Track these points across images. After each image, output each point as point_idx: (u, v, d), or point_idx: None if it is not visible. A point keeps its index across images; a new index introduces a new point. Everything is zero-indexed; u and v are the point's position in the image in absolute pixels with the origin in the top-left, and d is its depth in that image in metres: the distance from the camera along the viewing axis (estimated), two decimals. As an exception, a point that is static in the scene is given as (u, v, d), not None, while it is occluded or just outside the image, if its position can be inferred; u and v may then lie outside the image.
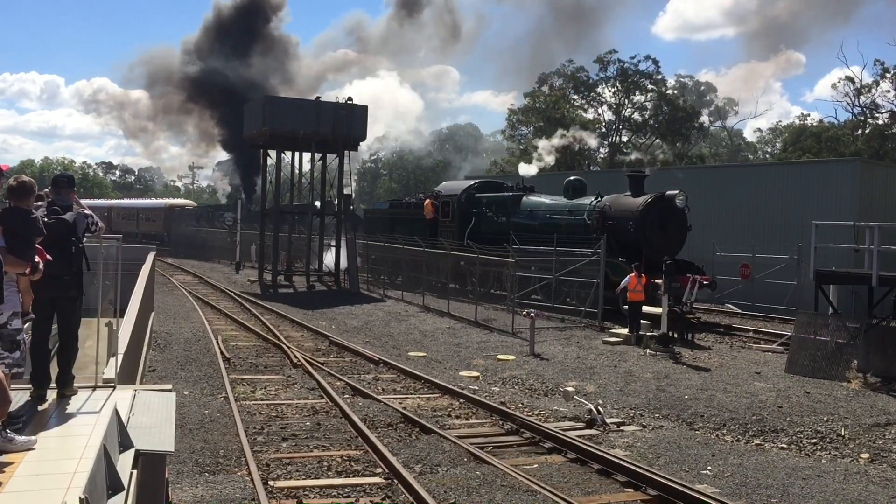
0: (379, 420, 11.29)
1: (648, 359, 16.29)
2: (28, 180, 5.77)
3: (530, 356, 16.67)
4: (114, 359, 6.81)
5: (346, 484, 8.50)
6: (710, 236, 25.07)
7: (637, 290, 18.13)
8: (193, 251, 48.86)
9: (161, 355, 15.94)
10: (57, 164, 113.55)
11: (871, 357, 14.85)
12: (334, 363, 15.93)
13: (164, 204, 63.39)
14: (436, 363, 16.53)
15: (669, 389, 13.59)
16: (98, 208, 68.38)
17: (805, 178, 27.90)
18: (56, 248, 6.03)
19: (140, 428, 5.56)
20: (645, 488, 8.47)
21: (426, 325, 21.21)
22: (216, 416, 11.24)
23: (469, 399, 12.66)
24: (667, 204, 21.16)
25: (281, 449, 9.83)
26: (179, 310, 23.40)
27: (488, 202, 27.45)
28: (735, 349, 17.82)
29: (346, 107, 31.68)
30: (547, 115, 62.86)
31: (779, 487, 8.74)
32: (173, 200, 69.29)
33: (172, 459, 8.33)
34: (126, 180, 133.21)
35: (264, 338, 18.68)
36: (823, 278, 16.10)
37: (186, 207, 61.94)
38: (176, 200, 69.92)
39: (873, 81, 56.30)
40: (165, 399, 6.37)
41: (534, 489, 8.33)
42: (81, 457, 4.50)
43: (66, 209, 6.23)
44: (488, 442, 10.34)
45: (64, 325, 6.35)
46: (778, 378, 14.64)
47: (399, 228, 31.22)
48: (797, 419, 11.87)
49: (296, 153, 34.73)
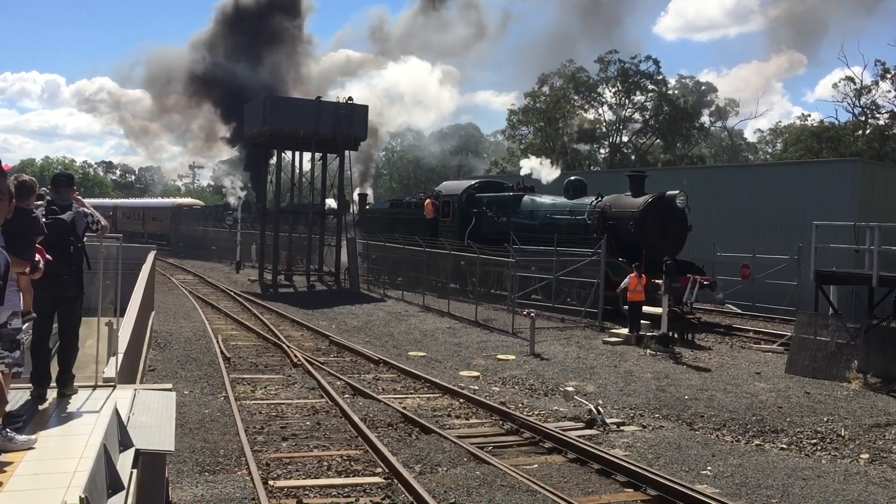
0: (379, 420, 11.29)
1: (648, 359, 16.29)
2: (28, 179, 5.76)
3: (530, 356, 16.67)
4: (114, 358, 6.81)
5: (346, 484, 8.50)
6: (711, 236, 25.06)
7: (637, 291, 18.12)
8: (202, 252, 47.95)
9: (161, 355, 15.94)
10: (57, 164, 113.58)
11: (871, 357, 14.84)
12: (334, 363, 15.93)
13: (171, 203, 62.26)
14: (436, 363, 16.53)
15: (669, 390, 13.59)
16: (103, 207, 68.09)
17: (805, 179, 27.90)
18: (55, 247, 6.02)
19: (140, 427, 5.56)
20: (645, 488, 8.47)
21: (426, 325, 21.21)
22: (216, 416, 11.24)
23: (469, 399, 12.66)
24: (667, 204, 21.15)
25: (281, 448, 9.83)
26: (180, 309, 23.40)
27: (489, 202, 27.45)
28: (735, 349, 17.81)
29: (347, 106, 31.69)
30: (547, 115, 62.89)
31: (779, 488, 8.74)
32: (180, 200, 68.08)
33: (172, 459, 8.33)
34: (126, 180, 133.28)
35: (264, 337, 18.69)
36: (824, 279, 16.09)
37: (194, 207, 60.81)
38: (183, 200, 68.68)
39: (873, 82, 56.34)
40: (165, 398, 6.37)
41: (534, 489, 8.33)
42: (81, 456, 4.50)
43: (64, 208, 6.23)
44: (488, 442, 10.34)
45: (64, 324, 6.35)
46: (778, 378, 14.64)
47: (399, 228, 31.23)
48: (797, 419, 11.87)
49: (296, 153, 34.77)
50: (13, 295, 5.20)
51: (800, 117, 71.78)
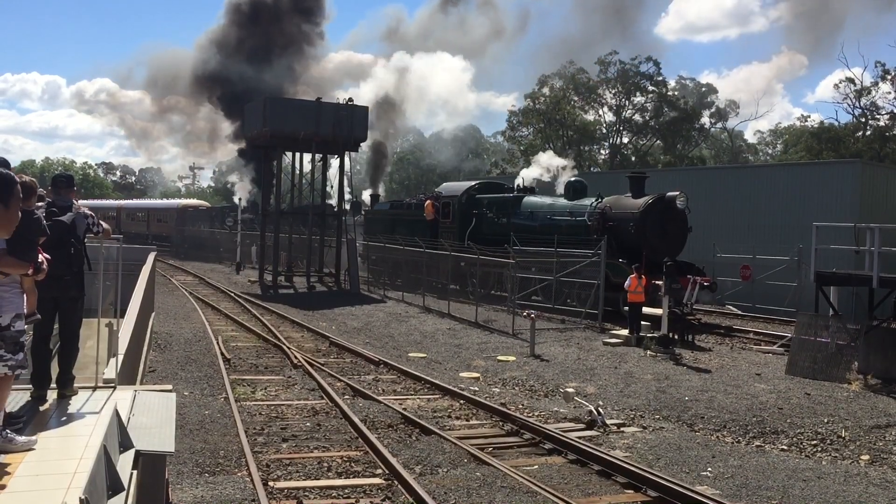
0: (379, 421, 11.29)
1: (649, 360, 16.29)
2: (29, 180, 5.75)
3: (530, 357, 16.66)
4: (114, 359, 6.81)
5: (346, 485, 8.50)
6: (711, 237, 25.07)
7: (637, 292, 18.13)
8: (210, 254, 47.05)
9: (161, 356, 15.94)
10: (58, 165, 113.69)
11: (871, 358, 14.84)
12: (335, 364, 15.93)
13: (176, 204, 61.29)
14: (436, 364, 16.52)
15: (670, 391, 13.59)
16: (106, 209, 67.72)
17: (806, 180, 27.90)
18: (55, 249, 6.02)
19: (140, 428, 5.56)
20: (645, 490, 8.46)
21: (426, 326, 21.20)
22: (216, 417, 11.24)
23: (469, 400, 12.65)
24: (667, 205, 21.16)
25: (281, 450, 9.83)
26: (180, 310, 23.40)
27: (489, 203, 27.45)
28: (735, 351, 17.81)
29: (347, 107, 31.72)
30: (548, 116, 62.91)
31: (779, 489, 8.74)
32: (186, 201, 66.82)
33: (172, 460, 8.33)
34: (127, 181, 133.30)
35: (264, 338, 18.68)
36: (824, 280, 16.09)
37: (200, 208, 59.64)
38: (189, 201, 67.33)
39: (873, 83, 56.34)
40: (166, 399, 6.37)
41: (534, 490, 8.33)
42: (82, 457, 4.50)
43: (64, 209, 6.23)
44: (488, 443, 10.34)
45: (65, 325, 6.35)
46: (778, 379, 14.64)
47: (399, 229, 31.22)
48: (797, 421, 11.87)
49: (296, 154, 34.75)
50: (16, 297, 5.20)
51: (799, 118, 71.83)
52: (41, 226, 5.67)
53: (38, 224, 5.64)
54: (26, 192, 5.70)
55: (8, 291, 5.07)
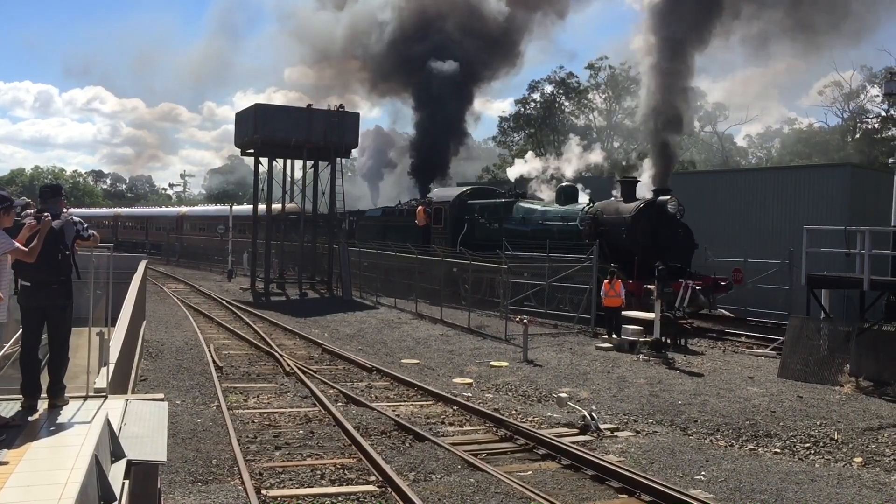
0: (372, 428, 11.26)
1: (641, 364, 16.30)
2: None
3: (523, 362, 16.66)
4: (105, 368, 6.78)
5: (339, 492, 8.46)
6: (702, 241, 25.10)
7: (610, 296, 18.34)
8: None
9: (153, 364, 15.85)
10: (47, 173, 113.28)
11: (863, 361, 14.88)
12: (327, 371, 15.88)
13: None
14: (429, 370, 16.49)
15: (663, 395, 13.60)
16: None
17: (797, 183, 27.97)
18: (43, 256, 6.00)
19: (132, 437, 5.53)
20: (639, 494, 8.47)
21: (419, 333, 21.17)
22: (209, 425, 11.18)
23: (463, 406, 12.63)
24: (659, 209, 21.20)
25: (274, 457, 9.79)
26: (171, 318, 23.30)
27: (481, 208, 27.46)
28: (728, 354, 17.85)
29: (338, 114, 31.75)
30: (539, 121, 63.06)
31: (772, 492, 8.74)
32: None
33: (165, 469, 8.28)
34: (117, 189, 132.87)
35: (257, 346, 18.61)
36: (815, 283, 16.15)
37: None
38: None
39: (860, 86, 56.72)
40: (157, 408, 6.34)
41: (528, 496, 8.32)
42: (73, 467, 4.47)
43: (53, 218, 6.21)
44: (482, 449, 10.32)
45: (53, 334, 6.31)
46: (771, 383, 14.67)
47: (391, 235, 31.18)
48: (790, 424, 11.89)
49: (287, 160, 34.71)
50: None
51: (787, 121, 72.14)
52: None
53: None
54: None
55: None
